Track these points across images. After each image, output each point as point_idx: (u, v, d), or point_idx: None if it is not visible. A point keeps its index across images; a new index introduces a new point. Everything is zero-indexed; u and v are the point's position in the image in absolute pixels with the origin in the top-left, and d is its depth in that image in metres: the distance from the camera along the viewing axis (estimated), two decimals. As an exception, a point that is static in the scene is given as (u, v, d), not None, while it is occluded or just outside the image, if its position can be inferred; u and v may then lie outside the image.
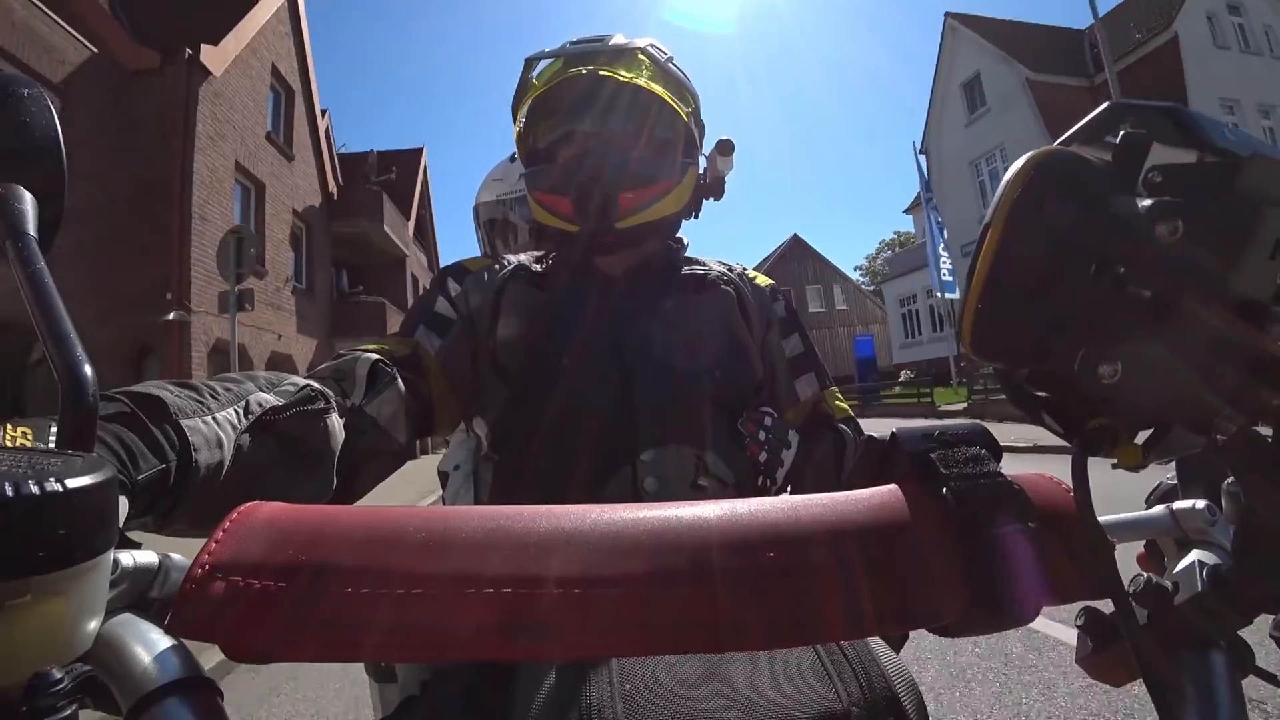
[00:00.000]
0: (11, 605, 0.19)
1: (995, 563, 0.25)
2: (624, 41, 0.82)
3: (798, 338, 0.84)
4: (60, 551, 0.19)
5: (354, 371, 0.61)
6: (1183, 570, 0.34)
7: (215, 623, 0.21)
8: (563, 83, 0.77)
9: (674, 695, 0.39)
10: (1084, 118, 0.28)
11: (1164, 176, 0.25)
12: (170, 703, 0.21)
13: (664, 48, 0.85)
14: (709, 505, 0.26)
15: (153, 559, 0.26)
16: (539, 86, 0.79)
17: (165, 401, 0.42)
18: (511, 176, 1.48)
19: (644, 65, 0.80)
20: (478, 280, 0.79)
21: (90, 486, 0.20)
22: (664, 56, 0.83)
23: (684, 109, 0.82)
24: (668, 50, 0.86)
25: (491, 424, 0.76)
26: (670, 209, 0.82)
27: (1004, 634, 1.90)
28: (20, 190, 0.32)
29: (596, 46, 0.81)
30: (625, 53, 0.80)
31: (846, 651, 0.44)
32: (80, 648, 0.21)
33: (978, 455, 0.28)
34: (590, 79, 0.77)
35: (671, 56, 0.85)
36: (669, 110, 0.80)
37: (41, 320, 0.28)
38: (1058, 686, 2.22)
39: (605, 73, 0.76)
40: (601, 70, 0.77)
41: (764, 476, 0.78)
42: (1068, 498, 0.28)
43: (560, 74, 0.78)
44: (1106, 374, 0.24)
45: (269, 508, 0.24)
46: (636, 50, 0.81)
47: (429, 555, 0.23)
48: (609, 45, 0.81)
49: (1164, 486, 0.42)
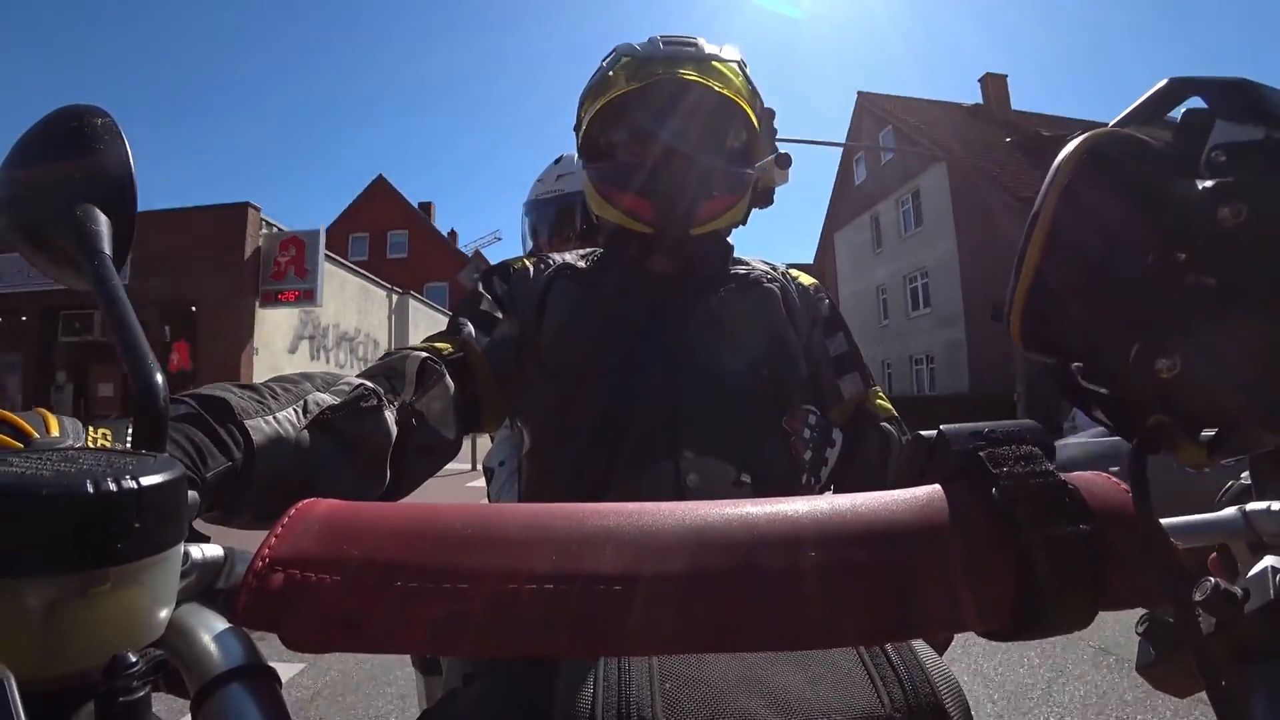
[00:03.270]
0: (94, 593, 0.20)
1: (1047, 565, 0.24)
2: (715, 49, 0.82)
3: (842, 336, 0.84)
4: (136, 544, 0.21)
5: (404, 370, 0.62)
6: (1255, 576, 0.32)
7: (274, 613, 0.22)
8: (653, 84, 0.77)
9: (713, 694, 0.38)
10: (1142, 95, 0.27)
11: (1228, 156, 0.24)
12: (233, 687, 0.22)
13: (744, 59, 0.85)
14: (753, 504, 0.26)
15: (219, 552, 0.28)
16: (625, 84, 0.79)
17: (230, 403, 0.44)
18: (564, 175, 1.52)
19: (732, 75, 0.80)
20: (523, 278, 0.80)
21: (162, 484, 0.22)
22: (746, 67, 0.83)
23: (758, 120, 0.83)
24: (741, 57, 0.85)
25: (536, 421, 0.78)
26: (739, 217, 0.83)
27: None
28: (97, 212, 0.35)
29: (688, 52, 0.80)
30: (715, 60, 0.80)
31: (890, 654, 0.43)
32: (154, 634, 0.23)
33: (1029, 454, 0.27)
34: (682, 84, 0.77)
35: (746, 64, 0.85)
36: (749, 122, 0.81)
37: (116, 333, 0.30)
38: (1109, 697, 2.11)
39: (697, 79, 0.77)
40: (693, 77, 0.77)
41: (808, 475, 0.77)
42: (1126, 498, 0.27)
43: (649, 75, 0.78)
44: (1165, 368, 0.23)
45: (325, 504, 0.26)
46: (729, 61, 0.81)
47: (476, 551, 0.23)
48: (700, 50, 0.81)
49: (1237, 487, 0.39)
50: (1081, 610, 0.24)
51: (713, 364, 0.73)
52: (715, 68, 0.79)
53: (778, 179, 0.90)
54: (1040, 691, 2.35)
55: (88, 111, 0.37)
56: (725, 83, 0.79)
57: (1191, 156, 0.24)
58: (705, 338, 0.75)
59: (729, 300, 0.79)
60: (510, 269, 0.82)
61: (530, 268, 0.82)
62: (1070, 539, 0.24)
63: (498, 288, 0.79)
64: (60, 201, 0.34)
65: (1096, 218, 0.24)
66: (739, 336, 0.76)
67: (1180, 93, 0.26)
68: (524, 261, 0.83)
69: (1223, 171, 0.23)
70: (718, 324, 0.77)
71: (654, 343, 0.75)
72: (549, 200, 1.51)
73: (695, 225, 0.77)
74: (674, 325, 0.76)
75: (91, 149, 0.36)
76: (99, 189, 0.35)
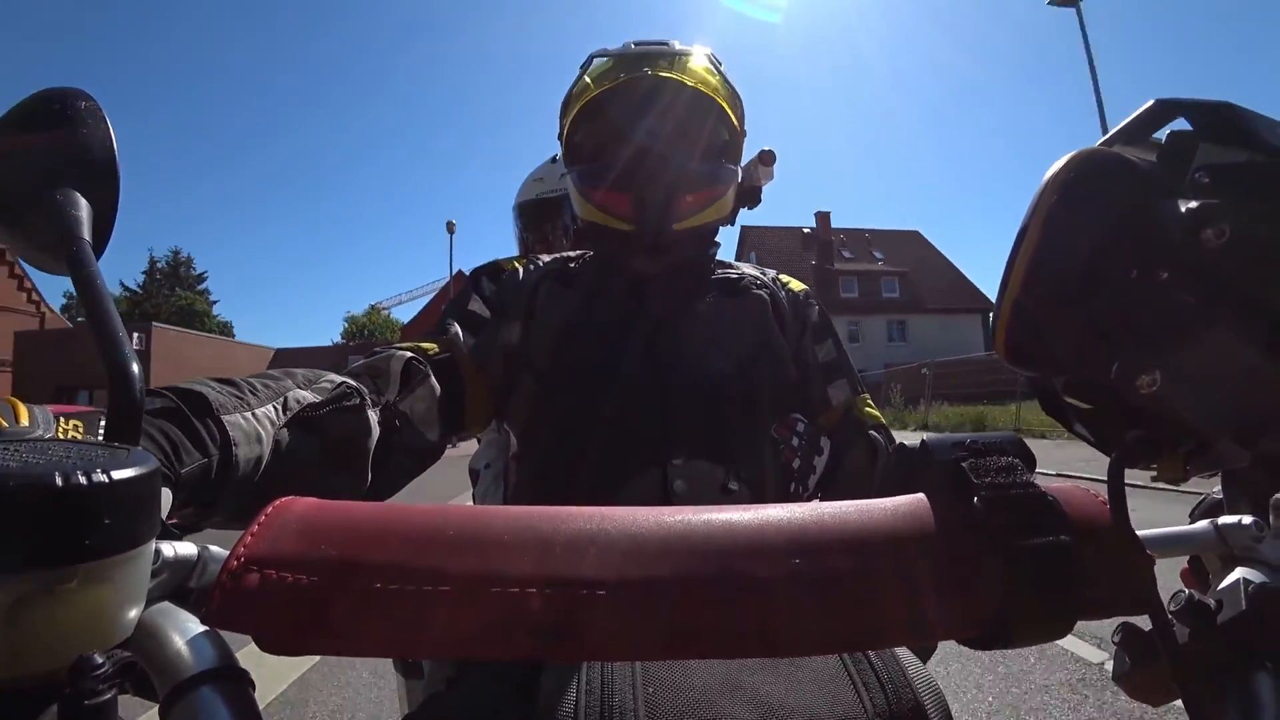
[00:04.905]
0: (61, 591, 0.20)
1: (1027, 575, 0.24)
2: (685, 47, 0.83)
3: (831, 343, 0.84)
4: (106, 540, 0.20)
5: (388, 369, 0.62)
6: (1227, 587, 0.32)
7: (249, 614, 0.22)
8: (626, 83, 0.78)
9: (697, 700, 0.38)
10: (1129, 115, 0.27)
11: (1211, 178, 0.24)
12: (204, 690, 0.21)
13: (718, 57, 0.86)
14: (738, 511, 0.26)
15: (192, 550, 0.27)
16: (597, 86, 0.80)
17: (208, 397, 0.43)
18: (553, 177, 1.50)
19: (706, 71, 0.81)
20: (512, 279, 0.80)
21: (134, 478, 0.21)
22: (720, 64, 0.84)
23: (736, 117, 0.83)
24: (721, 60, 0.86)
25: (523, 423, 0.77)
26: (721, 213, 0.83)
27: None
28: (77, 197, 0.34)
29: (660, 50, 0.82)
30: (687, 57, 0.81)
31: (873, 661, 0.43)
32: (122, 634, 0.22)
33: (1010, 465, 0.27)
34: (654, 82, 0.78)
35: (722, 63, 0.86)
36: (726, 117, 0.82)
37: (93, 320, 0.29)
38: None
39: (669, 75, 0.78)
40: (665, 73, 0.78)
41: (796, 483, 0.77)
42: (1104, 510, 0.27)
43: (622, 75, 0.79)
44: (1145, 383, 0.23)
45: (303, 503, 0.25)
46: (699, 55, 0.82)
47: (459, 553, 0.23)
48: (672, 49, 0.82)
49: (1209, 500, 0.40)
50: (1059, 619, 0.24)
51: (701, 368, 0.73)
52: (687, 64, 0.80)
53: (763, 176, 0.90)
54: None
55: (70, 94, 0.36)
56: (698, 78, 0.79)
57: (1175, 177, 0.25)
58: (694, 342, 0.75)
59: (718, 304, 0.79)
60: (500, 270, 0.81)
61: (520, 268, 0.81)
62: (1049, 549, 0.24)
63: (486, 288, 0.78)
64: (38, 183, 0.33)
65: (1081, 236, 0.25)
66: (728, 341, 0.76)
67: (1165, 114, 0.26)
68: (514, 262, 0.83)
69: (1206, 193, 0.24)
70: (706, 328, 0.77)
71: (642, 346, 0.74)
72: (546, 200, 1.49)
73: (675, 220, 0.77)
74: (662, 329, 0.76)
75: (73, 131, 0.35)
76: (80, 173, 0.34)
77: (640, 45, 0.83)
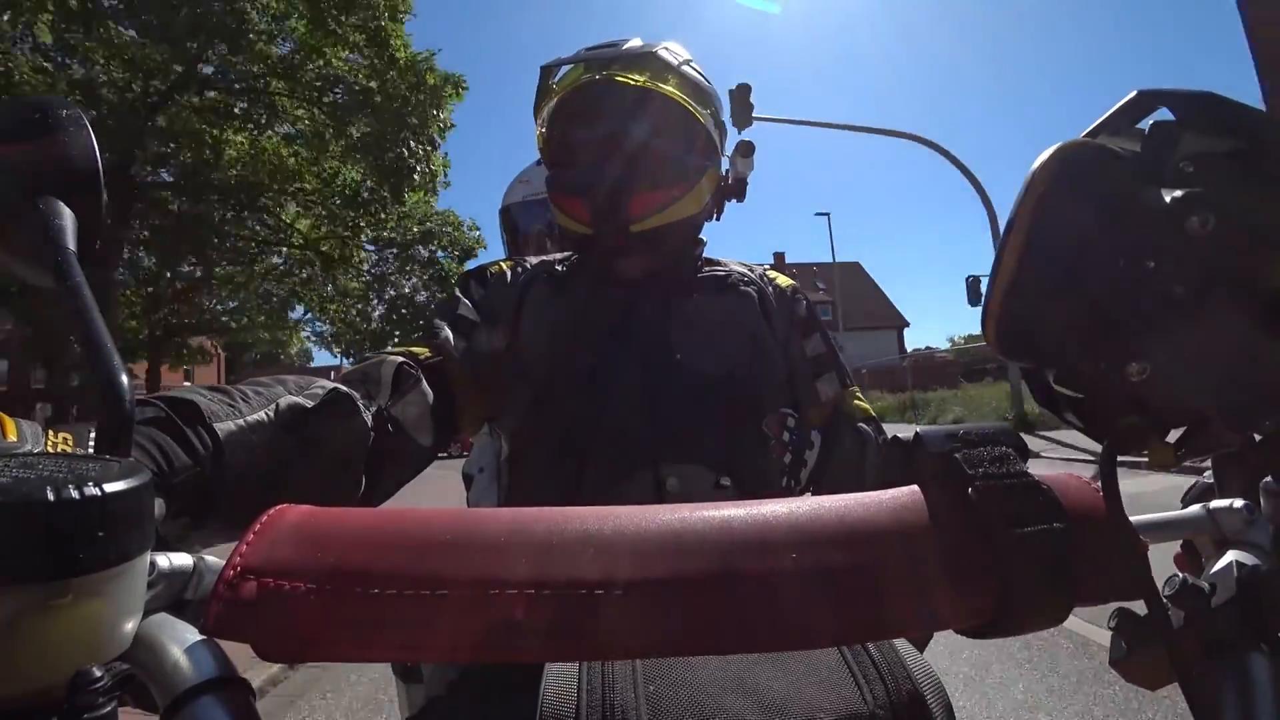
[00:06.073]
0: (54, 605, 0.19)
1: (1022, 564, 0.24)
2: (639, 45, 0.82)
3: (819, 337, 0.84)
4: (99, 553, 0.20)
5: (379, 375, 0.62)
6: (1220, 571, 0.33)
7: (246, 623, 0.21)
8: (578, 88, 0.78)
9: (698, 696, 0.38)
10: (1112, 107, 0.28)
11: (1195, 167, 0.24)
12: (205, 700, 0.21)
13: (682, 50, 0.85)
14: (733, 507, 0.26)
15: (188, 561, 0.27)
16: (557, 92, 0.80)
17: (198, 405, 0.43)
18: (538, 179, 1.50)
19: (658, 68, 0.80)
20: (499, 282, 0.80)
21: (127, 490, 0.21)
22: (679, 60, 0.83)
23: (701, 111, 0.81)
24: (686, 53, 0.85)
25: (514, 426, 0.77)
26: (688, 210, 0.81)
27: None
28: (61, 206, 0.33)
29: (611, 52, 0.81)
30: (640, 57, 0.80)
31: (872, 652, 0.43)
32: (119, 647, 0.22)
33: (1004, 455, 0.27)
34: (605, 84, 0.77)
35: (690, 59, 0.85)
36: (684, 112, 0.80)
37: (80, 331, 0.29)
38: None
39: (619, 78, 0.77)
40: (616, 76, 0.77)
41: (788, 477, 0.78)
42: (1097, 498, 0.28)
43: (577, 80, 0.79)
44: (1135, 371, 0.23)
45: (298, 510, 0.25)
46: (651, 54, 0.81)
47: (455, 556, 0.23)
48: (623, 50, 0.81)
49: (1200, 485, 0.40)
50: (1056, 607, 0.24)
51: (690, 367, 0.73)
52: (639, 63, 0.80)
53: (743, 168, 0.89)
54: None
55: (51, 102, 0.35)
56: (649, 76, 0.78)
57: (1159, 167, 0.25)
58: (682, 340, 0.75)
59: (705, 303, 0.79)
60: (488, 273, 0.81)
61: (508, 271, 0.81)
62: (1044, 538, 0.24)
63: (475, 292, 0.78)
64: (20, 193, 0.33)
65: (1069, 226, 0.25)
66: (716, 339, 0.76)
67: (1148, 105, 0.27)
68: (501, 265, 0.83)
69: (1191, 182, 0.24)
70: (695, 326, 0.77)
71: (631, 346, 0.74)
72: (532, 202, 1.50)
73: (633, 222, 0.77)
74: (650, 328, 0.76)
75: (54, 139, 0.34)
76: (62, 181, 0.34)
77: (594, 49, 0.83)
